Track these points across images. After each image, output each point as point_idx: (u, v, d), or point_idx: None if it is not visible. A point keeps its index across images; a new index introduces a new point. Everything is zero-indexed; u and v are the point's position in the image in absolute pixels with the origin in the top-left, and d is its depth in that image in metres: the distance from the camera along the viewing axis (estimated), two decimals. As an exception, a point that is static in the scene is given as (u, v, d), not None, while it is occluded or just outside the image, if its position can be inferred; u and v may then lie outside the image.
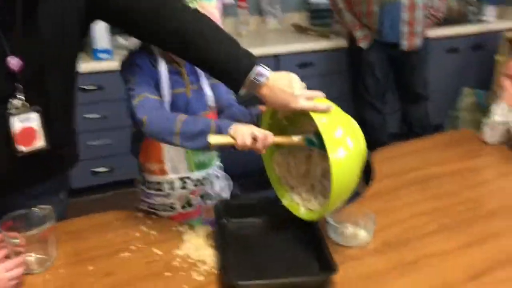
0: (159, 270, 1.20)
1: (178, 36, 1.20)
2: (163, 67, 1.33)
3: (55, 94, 1.23)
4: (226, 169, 1.59)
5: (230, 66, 1.19)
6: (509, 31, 3.47)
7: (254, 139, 1.17)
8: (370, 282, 1.14)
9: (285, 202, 1.32)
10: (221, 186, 1.55)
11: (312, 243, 1.24)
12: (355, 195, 1.26)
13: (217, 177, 1.53)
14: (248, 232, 1.33)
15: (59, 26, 1.17)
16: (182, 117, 1.24)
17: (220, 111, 1.47)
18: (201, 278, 1.17)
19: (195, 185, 1.47)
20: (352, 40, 3.11)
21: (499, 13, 3.81)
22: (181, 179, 1.45)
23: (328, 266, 1.12)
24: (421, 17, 2.94)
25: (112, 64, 2.62)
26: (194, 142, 1.22)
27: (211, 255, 1.25)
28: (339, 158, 1.09)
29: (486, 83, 3.68)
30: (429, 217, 1.40)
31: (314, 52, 3.20)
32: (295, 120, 1.28)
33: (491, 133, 1.87)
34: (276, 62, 3.07)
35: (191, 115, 1.29)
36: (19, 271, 1.11)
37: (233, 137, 1.18)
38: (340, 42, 3.25)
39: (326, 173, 1.25)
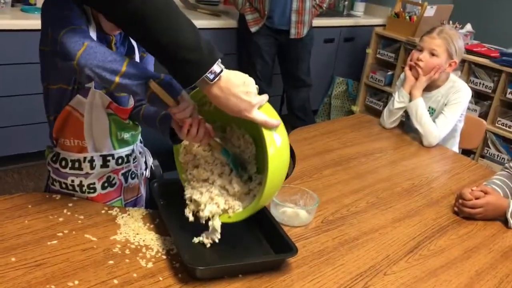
0: (100, 258, 1.06)
1: (128, 6, 0.98)
2: (92, 26, 1.16)
3: None
4: (145, 145, 1.48)
5: (190, 56, 0.99)
6: (377, 27, 3.80)
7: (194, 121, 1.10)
8: (323, 260, 1.16)
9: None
10: (145, 163, 1.43)
11: (259, 223, 1.21)
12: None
13: (140, 153, 1.41)
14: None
15: None
16: (128, 58, 1.07)
17: None
18: (150, 265, 1.07)
19: (118, 164, 1.33)
20: (242, 22, 3.11)
21: (366, 9, 4.15)
22: (103, 157, 1.30)
23: (285, 247, 1.11)
24: (309, 7, 3.07)
25: None
26: (133, 87, 1.05)
27: (154, 239, 1.15)
28: (275, 165, 1.04)
29: (356, 74, 4.00)
30: (357, 196, 1.48)
31: (205, 29, 3.13)
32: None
33: (390, 119, 2.04)
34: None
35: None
36: None
37: (178, 102, 1.07)
38: (230, 22, 3.23)
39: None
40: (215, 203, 1.13)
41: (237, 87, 1.02)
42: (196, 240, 1.14)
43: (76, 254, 1.06)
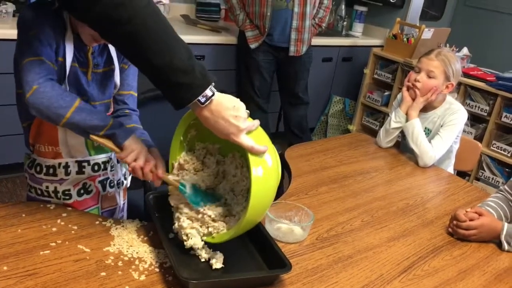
0: (92, 270, 1.06)
1: (124, 27, 0.97)
2: (69, 36, 1.17)
3: None
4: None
5: (184, 80, 1.00)
6: (375, 48, 3.84)
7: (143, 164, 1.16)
8: (316, 277, 1.16)
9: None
10: (122, 171, 1.43)
11: (254, 238, 1.21)
12: (279, 191, 1.25)
13: (118, 161, 1.40)
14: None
15: None
16: (78, 101, 1.12)
17: (117, 103, 1.36)
18: (142, 277, 1.06)
19: (94, 170, 1.33)
20: (241, 38, 3.14)
21: (365, 30, 4.20)
22: (78, 162, 1.30)
23: (279, 263, 1.10)
24: (309, 26, 3.10)
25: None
26: (78, 131, 1.15)
27: (148, 251, 1.14)
28: (259, 177, 1.03)
29: (353, 93, 4.02)
30: (352, 214, 1.48)
31: (204, 45, 3.15)
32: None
33: (386, 138, 2.05)
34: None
35: (87, 103, 1.17)
36: None
37: (122, 149, 1.15)
38: (229, 38, 3.25)
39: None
40: (193, 228, 1.13)
41: (227, 110, 1.03)
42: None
43: (69, 265, 1.06)
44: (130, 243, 1.16)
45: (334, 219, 1.43)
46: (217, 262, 1.10)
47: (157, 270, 1.09)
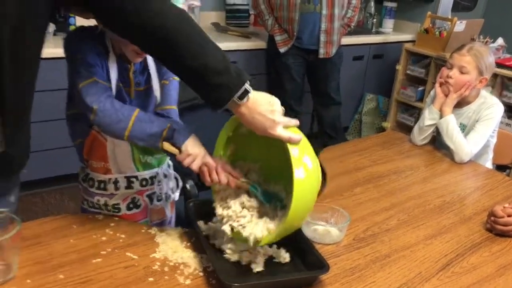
0: (140, 275, 1.12)
1: (161, 35, 1.04)
2: (112, 58, 1.24)
3: (12, 95, 1.03)
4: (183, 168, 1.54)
5: (220, 80, 1.05)
6: (407, 43, 3.81)
7: (204, 165, 1.17)
8: (354, 277, 1.19)
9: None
10: (169, 185, 1.49)
11: (292, 241, 1.25)
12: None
13: (165, 176, 1.47)
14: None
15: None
16: (136, 113, 1.18)
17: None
18: (188, 281, 1.11)
19: (142, 185, 1.40)
20: (271, 42, 3.18)
21: (395, 25, 4.17)
22: (127, 178, 1.37)
23: (317, 264, 1.14)
24: (338, 27, 3.11)
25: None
26: (143, 142, 1.20)
27: (192, 257, 1.20)
28: (301, 180, 1.05)
29: (386, 90, 4.00)
30: (388, 213, 1.49)
31: (235, 51, 3.21)
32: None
33: (420, 136, 2.05)
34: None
35: (146, 113, 1.23)
36: None
37: (182, 152, 1.17)
38: (259, 43, 3.30)
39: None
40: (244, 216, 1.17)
41: (263, 105, 1.08)
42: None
43: (119, 272, 1.12)
44: (174, 249, 1.22)
45: (370, 219, 1.45)
46: (258, 266, 1.15)
47: (201, 274, 1.14)
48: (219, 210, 1.20)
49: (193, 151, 1.17)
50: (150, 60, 1.30)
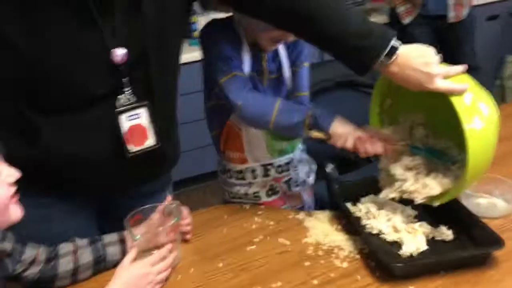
0: (296, 260, 1.10)
1: (298, 9, 1.03)
2: (245, 48, 1.23)
3: (160, 85, 1.10)
4: (315, 151, 1.49)
5: (363, 43, 1.01)
6: (551, -8, 3.35)
7: (357, 140, 1.11)
8: (534, 251, 1.05)
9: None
10: (305, 170, 1.45)
11: (453, 216, 1.14)
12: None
13: (300, 161, 1.43)
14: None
15: (161, 7, 1.06)
16: (278, 104, 1.17)
17: None
18: (345, 264, 1.07)
19: (279, 172, 1.37)
20: (393, 15, 3.00)
21: (534, -25, 3.70)
22: (264, 166, 1.35)
23: (487, 239, 1.02)
24: (467, -15, 2.83)
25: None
26: (288, 132, 1.20)
27: (344, 239, 1.16)
28: (475, 130, 0.96)
29: (530, 49, 3.57)
30: None
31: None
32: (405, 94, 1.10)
33: None
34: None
35: (287, 102, 1.21)
36: (168, 273, 1.02)
37: (331, 136, 1.13)
38: (380, 18, 3.14)
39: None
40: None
41: (415, 59, 1.00)
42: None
43: (274, 258, 1.12)
44: (325, 233, 1.19)
45: (541, 188, 1.27)
46: (420, 244, 1.06)
47: (357, 256, 1.09)
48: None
49: (342, 130, 1.13)
50: (281, 48, 1.28)
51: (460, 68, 1.01)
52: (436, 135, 1.16)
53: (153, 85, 1.08)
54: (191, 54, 2.63)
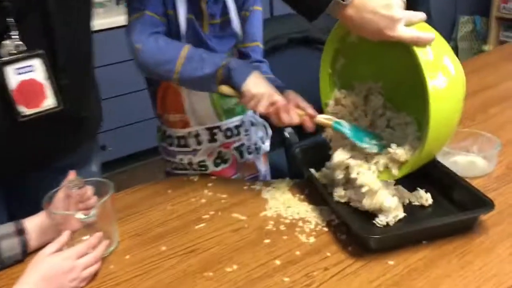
0: (253, 238, 0.93)
1: None
2: None
3: (62, 29, 0.88)
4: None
5: None
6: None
7: (272, 105, 0.95)
8: (524, 213, 0.92)
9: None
10: (259, 135, 1.27)
11: (430, 178, 1.00)
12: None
13: (253, 124, 1.25)
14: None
15: None
16: (185, 50, 0.99)
17: (241, 57, 1.18)
18: (311, 239, 0.91)
19: (227, 136, 1.20)
20: None
21: None
22: (209, 129, 1.17)
23: (474, 201, 0.89)
24: None
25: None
26: (197, 86, 1.03)
27: (309, 210, 0.99)
28: (439, 89, 0.81)
29: (483, 8, 3.52)
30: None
31: None
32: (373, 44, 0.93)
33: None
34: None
35: (197, 49, 1.01)
36: (97, 266, 0.83)
37: (244, 95, 0.96)
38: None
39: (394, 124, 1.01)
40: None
41: (375, 2, 0.84)
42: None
43: (228, 236, 0.94)
44: (287, 204, 1.02)
45: (521, 142, 1.16)
46: (397, 212, 0.91)
47: (325, 229, 0.93)
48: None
49: (257, 90, 0.95)
50: None
51: (423, 14, 0.86)
52: (396, 108, 1.01)
53: (53, 29, 0.85)
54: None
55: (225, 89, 0.99)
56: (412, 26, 0.84)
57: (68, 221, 0.86)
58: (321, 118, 0.98)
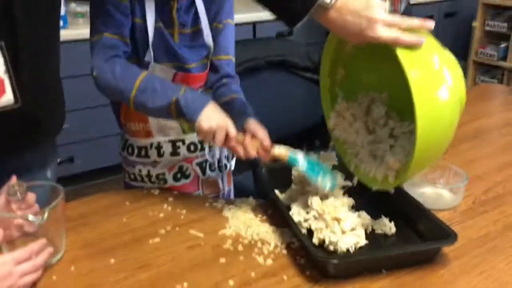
0: (209, 256, 0.89)
1: None
2: None
3: (24, 23, 0.84)
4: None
5: None
6: (483, -4, 3.39)
7: (227, 136, 0.93)
8: (488, 248, 0.90)
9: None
10: (224, 152, 1.24)
11: (397, 207, 0.97)
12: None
13: None
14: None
15: None
16: (140, 79, 0.96)
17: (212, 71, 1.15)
18: (269, 261, 0.87)
19: (190, 151, 1.16)
20: None
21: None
22: (172, 142, 1.14)
23: (437, 233, 0.86)
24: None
25: (67, 33, 2.19)
26: (154, 115, 1.04)
27: (270, 232, 0.96)
28: (427, 115, 0.79)
29: (461, 52, 3.59)
30: (510, 170, 1.19)
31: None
32: (371, 51, 0.92)
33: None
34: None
35: (155, 78, 0.99)
36: (37, 275, 0.77)
37: (198, 132, 0.95)
38: None
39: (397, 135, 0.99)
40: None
41: (356, 4, 0.83)
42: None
43: (182, 253, 0.90)
44: (248, 224, 0.98)
45: (488, 179, 1.15)
46: (359, 239, 0.88)
47: (284, 252, 0.90)
48: None
49: (209, 125, 0.92)
50: None
51: (417, 21, 0.83)
52: (401, 115, 0.99)
53: (15, 22, 0.82)
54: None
55: (182, 123, 1.00)
56: (411, 32, 0.81)
57: (8, 227, 0.80)
58: (277, 150, 0.96)
